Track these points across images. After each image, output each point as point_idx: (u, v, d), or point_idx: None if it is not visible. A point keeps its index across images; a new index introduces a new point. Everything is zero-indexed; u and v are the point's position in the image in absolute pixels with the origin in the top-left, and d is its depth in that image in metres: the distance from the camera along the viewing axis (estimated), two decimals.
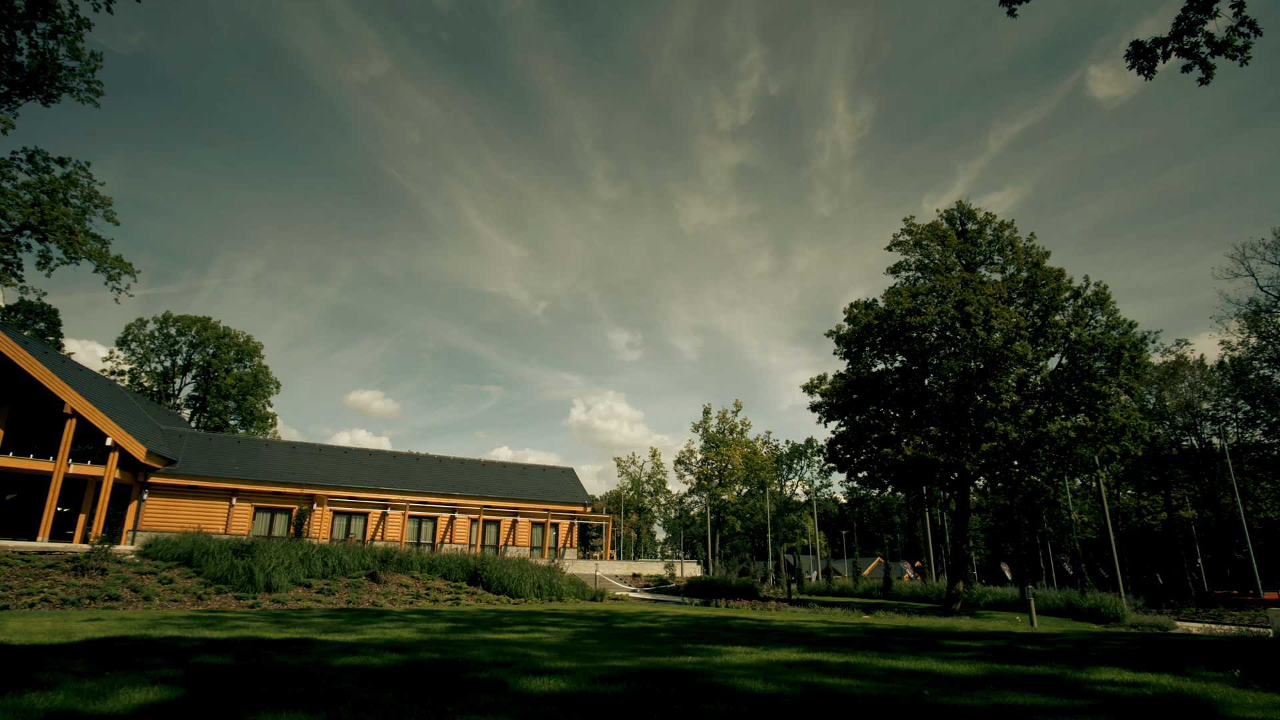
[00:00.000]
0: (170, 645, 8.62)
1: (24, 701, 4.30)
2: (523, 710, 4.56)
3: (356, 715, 4.26)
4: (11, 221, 23.33)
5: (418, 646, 9.20)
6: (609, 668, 6.96)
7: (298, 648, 8.60)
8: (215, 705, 4.37)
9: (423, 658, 7.58)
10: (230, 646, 8.59)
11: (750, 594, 30.65)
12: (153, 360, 66.78)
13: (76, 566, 22.63)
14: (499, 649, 9.09)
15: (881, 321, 28.31)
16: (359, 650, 8.44)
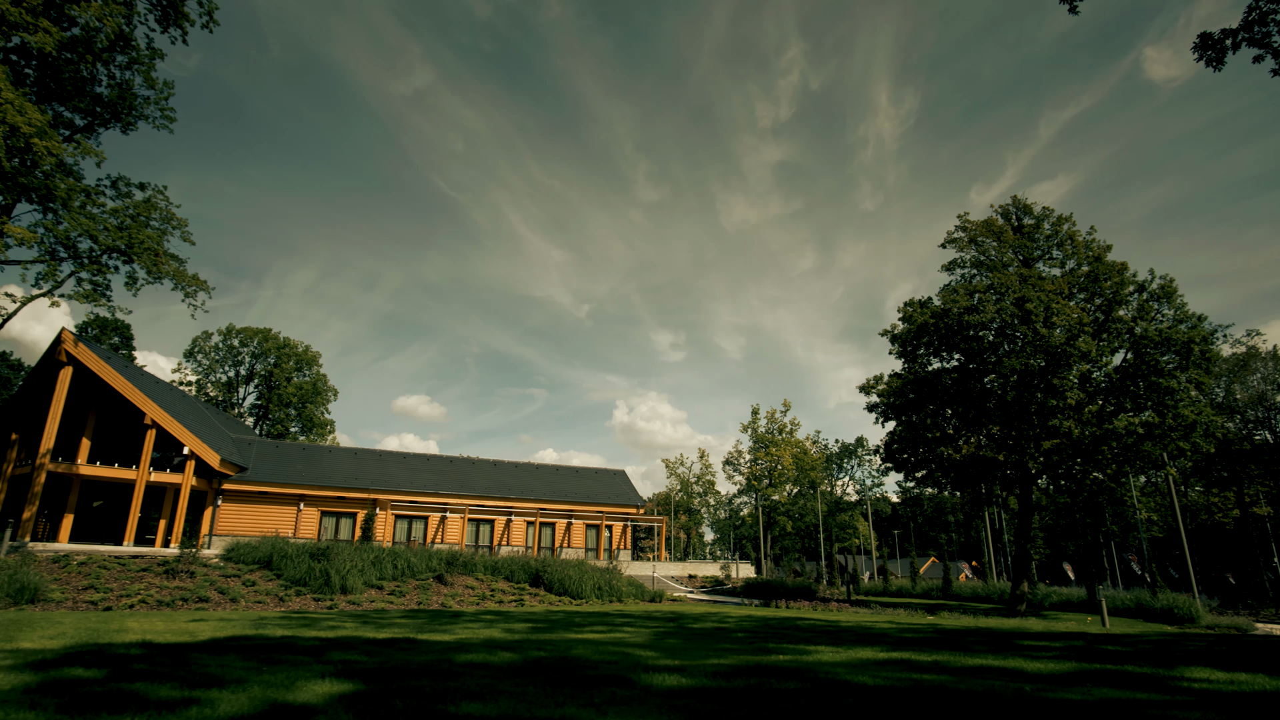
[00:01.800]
0: (291, 644, 9.25)
1: (230, 693, 4.83)
2: (662, 703, 4.93)
3: (522, 705, 4.68)
4: (102, 245, 24.74)
5: (517, 645, 9.68)
6: (715, 665, 7.31)
7: (408, 646, 9.15)
8: (398, 697, 4.85)
9: (534, 656, 8.04)
10: (348, 645, 9.19)
11: (808, 595, 30.67)
12: (218, 371, 69.53)
13: (168, 570, 23.89)
14: (596, 648, 9.51)
15: (938, 320, 28.08)
16: (469, 649, 8.95)
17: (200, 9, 27.23)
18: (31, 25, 20.31)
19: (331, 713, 4.15)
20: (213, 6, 27.52)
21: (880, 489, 74.46)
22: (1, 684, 5.03)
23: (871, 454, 27.25)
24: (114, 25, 23.47)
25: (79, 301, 24.62)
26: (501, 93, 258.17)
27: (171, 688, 4.94)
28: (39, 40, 20.51)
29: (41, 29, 20.52)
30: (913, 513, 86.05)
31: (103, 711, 4.06)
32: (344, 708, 4.34)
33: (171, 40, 27.41)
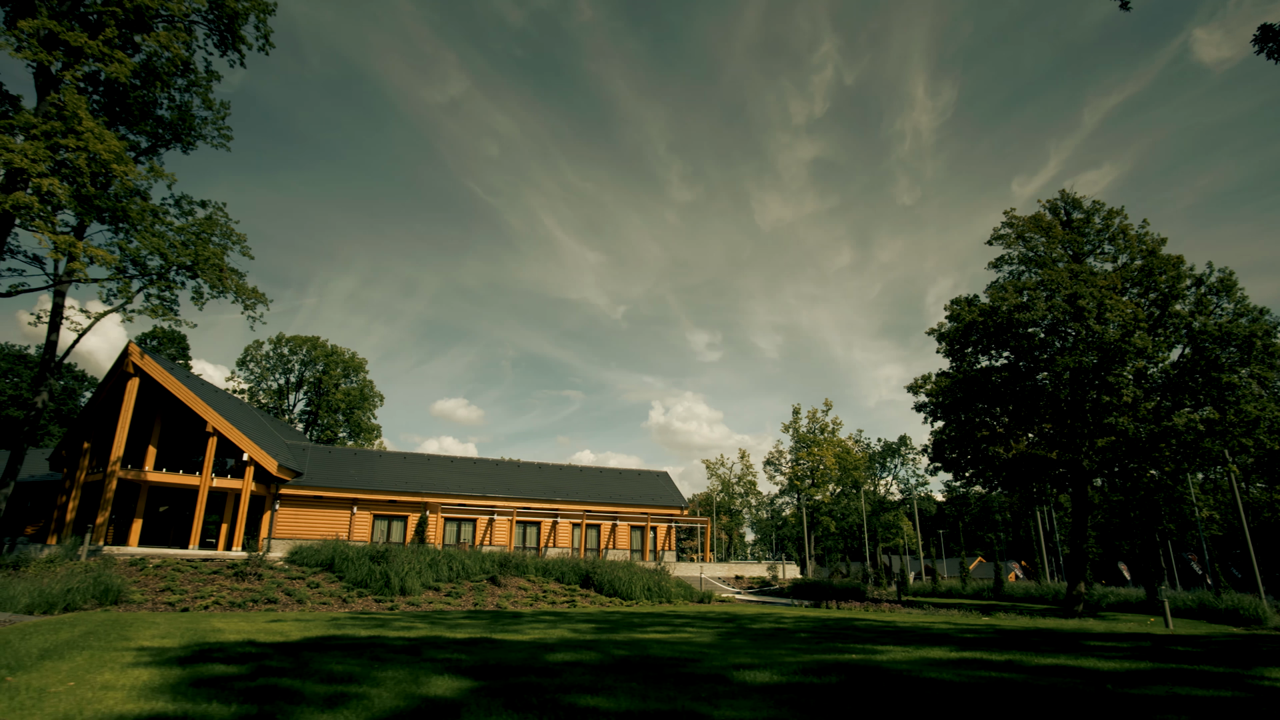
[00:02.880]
0: (381, 643, 9.75)
1: (372, 688, 5.24)
2: (765, 697, 5.22)
3: (639, 700, 5.01)
4: (172, 262, 25.86)
5: (594, 645, 10.04)
6: (796, 663, 7.57)
7: (492, 645, 9.58)
8: (524, 692, 5.21)
9: (618, 655, 8.38)
10: (435, 644, 9.65)
11: (858, 596, 30.60)
12: (268, 379, 71.61)
13: (237, 573, 24.88)
14: (670, 647, 9.83)
15: (986, 318, 27.82)
16: (551, 648, 9.33)
17: (257, 33, 28.32)
18: (108, 56, 21.41)
19: (475, 706, 4.52)
20: (268, 30, 28.60)
21: (925, 488, 73.51)
22: (162, 678, 5.53)
23: (918, 453, 27.04)
24: (178, 52, 24.52)
25: (150, 316, 25.75)
26: (534, 97, 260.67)
27: (315, 682, 5.38)
28: (114, 70, 21.61)
29: (116, 60, 21.61)
30: (958, 512, 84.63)
31: (278, 701, 4.50)
32: (484, 701, 4.71)
33: (230, 64, 28.52)
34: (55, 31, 20.96)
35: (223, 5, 26.30)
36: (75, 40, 20.74)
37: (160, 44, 23.96)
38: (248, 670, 6.05)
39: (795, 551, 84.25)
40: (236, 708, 4.24)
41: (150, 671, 5.90)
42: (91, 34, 22.14)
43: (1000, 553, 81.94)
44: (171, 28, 26.23)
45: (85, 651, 7.59)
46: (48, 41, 21.63)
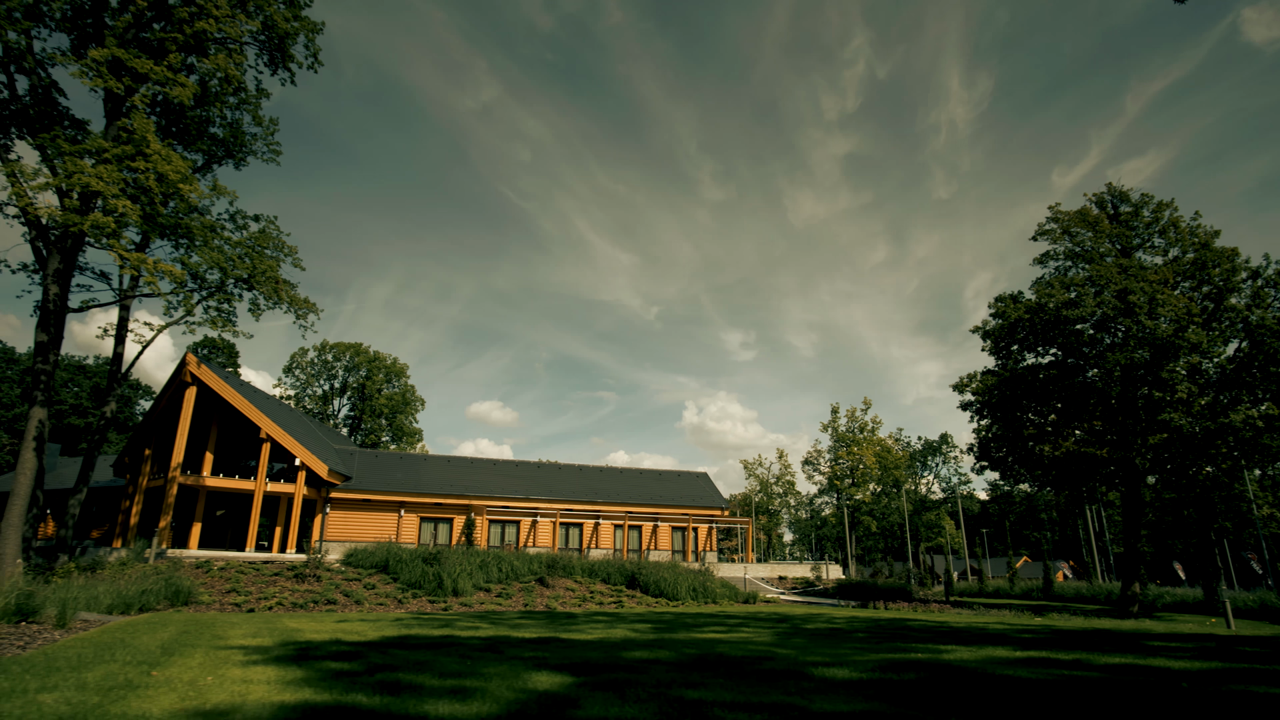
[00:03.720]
0: (456, 642, 10.18)
1: (481, 682, 5.62)
2: (852, 692, 5.46)
3: (735, 693, 5.30)
4: (231, 276, 26.82)
5: (662, 644, 10.35)
6: (868, 660, 7.78)
7: (565, 644, 9.94)
8: (624, 687, 5.55)
9: (689, 653, 8.68)
10: (511, 643, 10.05)
11: (905, 596, 30.45)
12: (313, 385, 73.38)
13: (296, 574, 25.73)
14: (736, 646, 10.09)
15: (1033, 315, 27.52)
16: (623, 646, 9.66)
17: (306, 51, 29.17)
18: (171, 80, 22.36)
19: (590, 699, 4.85)
20: (317, 49, 29.42)
21: (968, 486, 72.44)
22: (290, 672, 5.97)
23: (965, 452, 26.67)
24: (234, 74, 25.43)
25: (210, 328, 26.71)
26: (565, 101, 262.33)
27: (429, 676, 5.77)
28: (177, 93, 22.55)
29: (179, 83, 22.55)
30: (1003, 510, 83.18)
31: (404, 693, 4.88)
32: (595, 694, 5.03)
33: (282, 83, 29.45)
34: (122, 59, 21.94)
35: (274, 26, 27.15)
36: (142, 67, 21.70)
37: (217, 66, 24.87)
38: (361, 666, 6.47)
39: (834, 551, 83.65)
40: (379, 698, 4.61)
41: (272, 667, 6.34)
42: (156, 59, 23.11)
43: (1047, 552, 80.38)
44: (224, 50, 27.17)
45: (198, 649, 8.12)
46: (114, 68, 22.64)
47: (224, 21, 24.33)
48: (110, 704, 4.16)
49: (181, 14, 23.90)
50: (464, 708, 4.38)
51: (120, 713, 3.95)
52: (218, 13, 23.65)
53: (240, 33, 26.38)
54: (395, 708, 4.31)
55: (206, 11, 23.56)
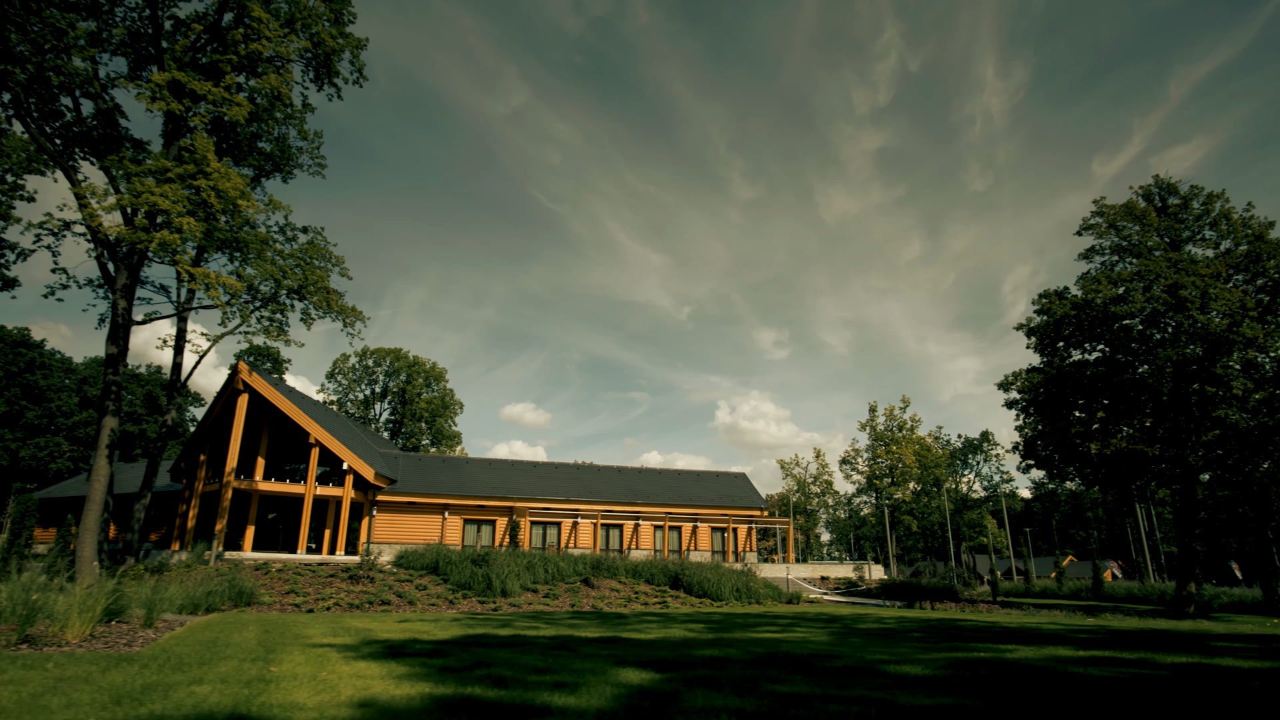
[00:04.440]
0: (527, 641, 10.56)
1: (573, 677, 5.96)
2: (933, 687, 5.66)
3: (816, 688, 5.56)
4: (284, 288, 27.73)
5: (727, 643, 10.61)
6: (934, 659, 7.95)
7: (632, 644, 10.26)
8: (709, 681, 5.84)
9: (756, 652, 8.93)
10: (581, 642, 10.39)
11: (951, 596, 30.24)
12: (355, 390, 74.95)
13: (351, 576, 26.48)
14: (801, 645, 10.31)
15: (1079, 311, 27.16)
16: (688, 646, 9.95)
17: (351, 67, 29.98)
18: (227, 101, 23.25)
19: (688, 692, 5.14)
20: (361, 64, 30.22)
21: (1010, 484, 71.29)
22: (400, 668, 6.37)
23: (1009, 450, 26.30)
24: (285, 92, 26.29)
25: (267, 338, 27.59)
26: (594, 103, 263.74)
27: (524, 672, 6.11)
28: (233, 113, 23.43)
29: (235, 103, 23.43)
30: (1046, 509, 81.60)
31: (514, 686, 5.22)
32: (692, 689, 5.33)
33: (329, 98, 30.33)
34: (182, 81, 22.87)
35: (321, 43, 27.97)
36: (200, 89, 22.60)
37: (269, 85, 25.74)
38: (456, 662, 6.84)
39: (873, 551, 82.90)
40: (493, 690, 4.94)
41: (373, 663, 6.75)
42: (214, 81, 24.03)
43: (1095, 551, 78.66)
44: (274, 69, 28.04)
45: (293, 648, 8.60)
46: (175, 90, 23.61)
47: (276, 42, 25.20)
48: (259, 696, 4.55)
49: (236, 36, 24.81)
50: (575, 699, 4.70)
51: (275, 703, 4.34)
52: (270, 34, 24.51)
53: (290, 52, 27.24)
54: (514, 698, 4.64)
55: (260, 33, 24.42)
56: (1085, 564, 75.66)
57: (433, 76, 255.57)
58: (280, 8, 26.74)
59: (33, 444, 70.98)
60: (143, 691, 4.44)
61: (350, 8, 29.23)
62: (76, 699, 4.16)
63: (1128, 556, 74.06)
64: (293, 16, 26.67)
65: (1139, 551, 50.93)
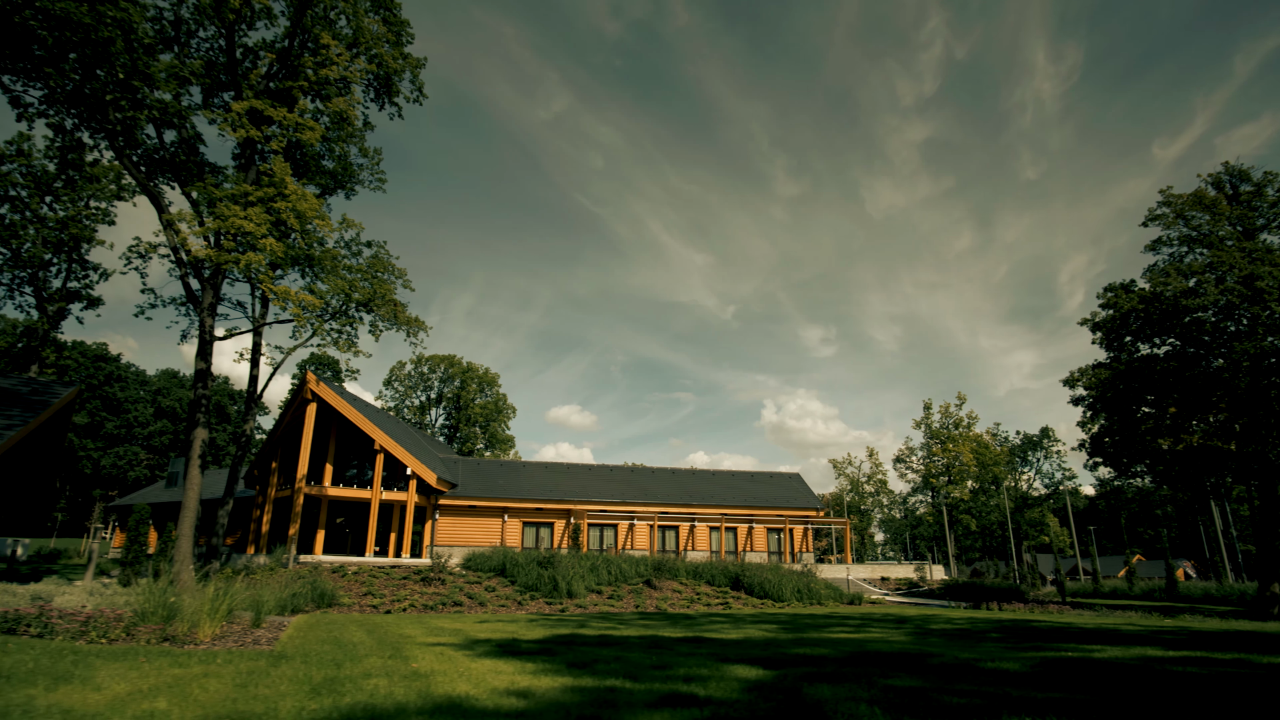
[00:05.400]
0: (619, 640, 11.02)
1: (684, 672, 6.39)
2: (1036, 683, 5.90)
3: (926, 682, 5.86)
4: (354, 301, 28.87)
5: (809, 642, 10.91)
6: (1025, 658, 8.13)
7: (718, 643, 10.64)
8: (822, 677, 6.19)
9: (847, 650, 9.23)
10: (662, 642, 10.82)
11: (1018, 596, 29.81)
12: (411, 396, 76.92)
13: (423, 578, 27.42)
14: (886, 644, 10.55)
15: (1147, 305, 26.55)
16: (779, 644, 10.29)
17: (411, 86, 31.00)
18: (301, 125, 24.39)
19: (806, 687, 5.50)
20: (421, 83, 31.21)
21: (1074, 481, 69.37)
22: (523, 665, 6.87)
23: (1075, 448, 25.78)
24: (353, 115, 27.40)
25: (338, 350, 28.73)
26: (635, 106, 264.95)
27: (648, 669, 6.56)
28: (307, 136, 24.58)
29: (308, 127, 24.57)
30: (1112, 507, 79.00)
31: (647, 679, 5.66)
32: (812, 684, 5.69)
33: (390, 117, 31.42)
34: (259, 109, 24.07)
35: (384, 64, 29.03)
36: (276, 115, 23.76)
37: (339, 109, 26.87)
38: (577, 658, 7.33)
39: (929, 551, 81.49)
40: (631, 683, 5.39)
41: (499, 660, 7.25)
42: (287, 106, 25.23)
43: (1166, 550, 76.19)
44: (338, 91, 29.17)
45: (413, 645, 9.22)
46: (253, 117, 24.85)
47: (343, 66, 26.29)
48: (430, 689, 5.05)
49: (306, 62, 25.98)
50: (710, 690, 5.10)
51: (448, 693, 4.84)
52: (338, 59, 25.61)
53: (355, 74, 28.35)
54: (657, 689, 5.07)
55: (329, 59, 25.54)
56: (1155, 563, 73.15)
57: (475, 85, 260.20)
58: (343, 31, 27.90)
59: (113, 453, 74.74)
60: (327, 684, 4.98)
61: (409, 29, 30.22)
62: (280, 690, 4.72)
63: (1201, 556, 71.36)
64: (355, 39, 27.76)
65: (1214, 550, 49.16)
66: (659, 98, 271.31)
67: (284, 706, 4.15)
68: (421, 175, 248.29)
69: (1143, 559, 76.58)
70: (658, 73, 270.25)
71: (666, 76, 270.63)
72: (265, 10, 26.31)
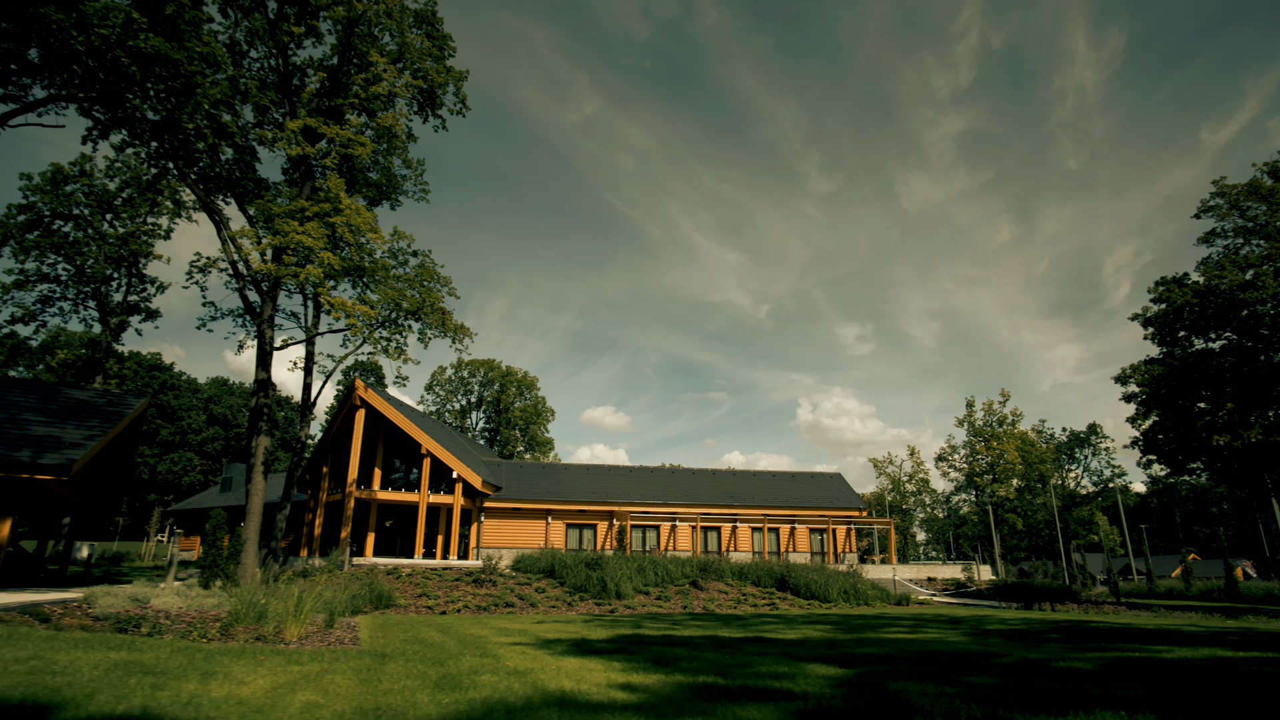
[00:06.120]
0: (683, 640, 11.34)
1: (760, 669, 6.68)
2: (1110, 681, 6.06)
3: (1006, 679, 6.06)
4: (404, 310, 29.66)
5: (871, 643, 11.10)
6: (1090, 658, 8.24)
7: (780, 643, 10.89)
8: (901, 674, 6.43)
9: (912, 650, 9.42)
10: (723, 641, 11.10)
11: (1071, 597, 29.39)
12: (452, 400, 78.20)
13: (474, 580, 28.04)
14: (948, 645, 10.69)
15: (1202, 299, 26.03)
16: (836, 645, 10.51)
17: (455, 98, 31.71)
18: (353, 141, 25.22)
19: (891, 683, 5.76)
20: (464, 95, 31.94)
21: (1124, 479, 67.76)
22: (609, 663, 7.23)
23: (1128, 446, 25.29)
24: (401, 129, 28.20)
25: (389, 358, 29.54)
26: (666, 106, 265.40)
27: (727, 667, 6.87)
28: (358, 152, 25.41)
29: (359, 143, 25.39)
30: (1164, 505, 76.85)
31: (735, 676, 5.99)
32: (895, 680, 5.93)
33: (434, 129, 32.20)
34: (313, 126, 24.95)
35: (427, 78, 29.78)
36: (329, 132, 24.60)
37: (387, 124, 27.69)
38: (652, 656, 7.67)
39: (972, 550, 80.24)
40: (723, 680, 5.69)
41: (583, 659, 7.60)
42: (339, 123, 26.08)
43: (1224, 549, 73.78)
44: (383, 106, 29.99)
45: (493, 646, 9.65)
46: (306, 134, 25.76)
47: (391, 83, 27.08)
48: (541, 685, 5.41)
49: (356, 80, 26.84)
50: (799, 686, 5.38)
51: (558, 689, 5.20)
52: (387, 77, 26.39)
53: (402, 90, 29.15)
54: (749, 684, 5.37)
55: (378, 76, 26.35)
56: (1211, 563, 71.07)
57: (506, 90, 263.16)
58: (388, 48, 28.71)
59: (168, 459, 77.37)
60: (445, 681, 5.37)
61: (450, 42, 30.92)
62: (404, 685, 5.13)
63: (1260, 555, 69.14)
64: (400, 54, 28.55)
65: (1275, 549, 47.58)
66: (689, 97, 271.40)
67: (419, 700, 4.54)
68: (454, 180, 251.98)
69: (1197, 558, 74.43)
70: (688, 72, 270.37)
71: (696, 76, 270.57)
72: (313, 30, 27.27)
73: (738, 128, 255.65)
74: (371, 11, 26.50)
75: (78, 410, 20.63)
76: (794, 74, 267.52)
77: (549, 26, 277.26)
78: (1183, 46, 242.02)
